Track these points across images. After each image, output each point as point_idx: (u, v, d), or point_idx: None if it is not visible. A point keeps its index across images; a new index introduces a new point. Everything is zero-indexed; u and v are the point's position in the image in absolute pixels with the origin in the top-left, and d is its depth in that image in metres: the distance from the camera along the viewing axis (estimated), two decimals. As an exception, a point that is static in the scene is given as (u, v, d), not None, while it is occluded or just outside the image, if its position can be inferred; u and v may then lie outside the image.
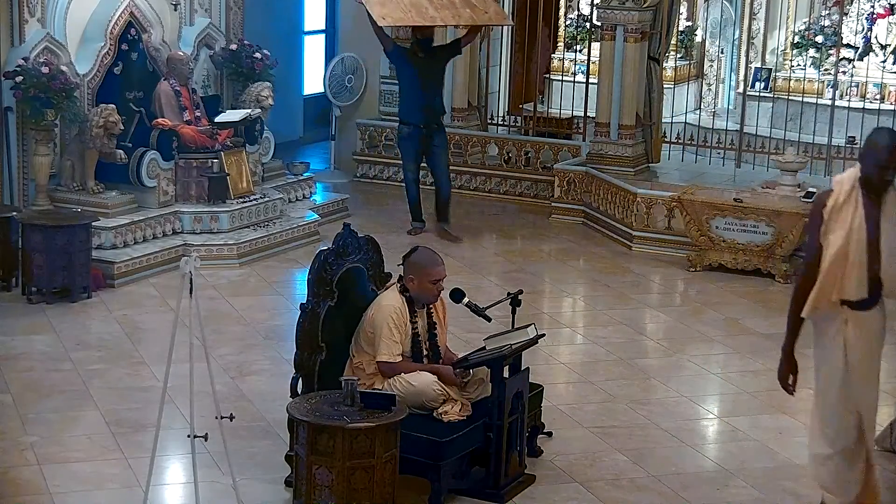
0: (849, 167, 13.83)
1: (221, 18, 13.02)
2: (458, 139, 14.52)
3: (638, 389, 8.88)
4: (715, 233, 11.79)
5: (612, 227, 12.87)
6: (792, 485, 7.43)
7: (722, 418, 8.54)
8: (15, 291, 10.30)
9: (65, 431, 7.74)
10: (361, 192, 14.29)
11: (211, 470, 7.04)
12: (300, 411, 6.45)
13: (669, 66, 15.69)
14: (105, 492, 7.00)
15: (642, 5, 13.22)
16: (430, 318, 7.13)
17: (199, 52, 12.68)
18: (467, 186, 14.49)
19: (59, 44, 11.20)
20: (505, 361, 6.94)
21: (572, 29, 16.62)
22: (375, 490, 6.35)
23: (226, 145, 11.86)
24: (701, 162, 14.24)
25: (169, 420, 7.00)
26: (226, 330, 9.70)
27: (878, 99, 15.22)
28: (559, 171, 13.74)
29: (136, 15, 11.87)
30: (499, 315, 7.83)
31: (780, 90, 15.52)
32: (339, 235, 7.18)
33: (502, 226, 13.46)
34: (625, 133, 13.54)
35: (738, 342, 9.93)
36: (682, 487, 7.31)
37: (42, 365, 8.85)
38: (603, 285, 11.40)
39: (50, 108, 10.86)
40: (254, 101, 12.55)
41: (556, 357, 9.44)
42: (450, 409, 6.88)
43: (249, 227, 11.74)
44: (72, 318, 9.80)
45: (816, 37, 16.08)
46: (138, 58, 11.95)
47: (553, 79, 16.66)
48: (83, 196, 11.12)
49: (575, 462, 7.58)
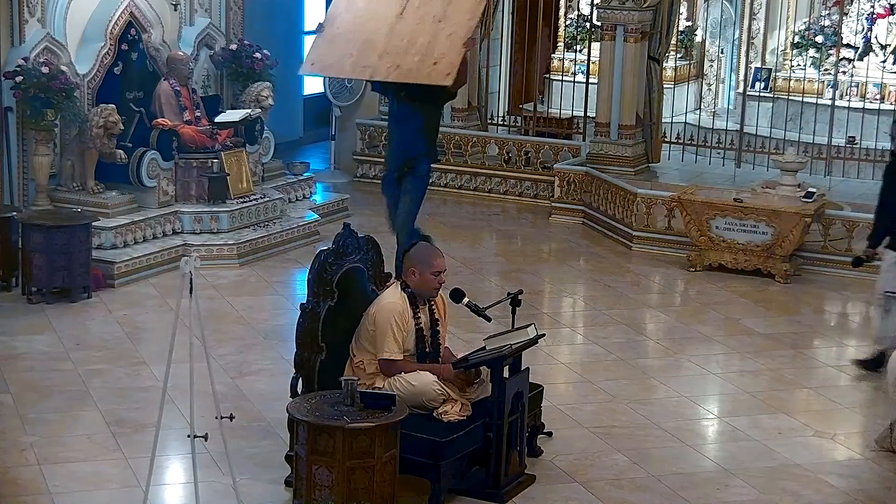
0: (849, 167, 13.95)
1: (221, 18, 13.02)
2: (458, 139, 14.53)
3: (638, 389, 8.88)
4: (715, 233, 11.79)
5: (612, 227, 12.87)
6: (792, 485, 7.43)
7: (722, 418, 8.53)
8: (15, 291, 10.30)
9: (65, 431, 7.74)
10: (361, 192, 14.28)
11: (211, 470, 7.05)
12: (300, 411, 6.45)
13: (669, 66, 15.69)
14: (105, 492, 6.99)
15: (642, 5, 13.23)
16: (432, 314, 7.14)
17: (199, 52, 12.68)
18: (467, 186, 14.49)
19: (59, 44, 11.20)
20: (505, 361, 6.94)
21: (572, 29, 16.62)
22: (375, 490, 6.35)
23: (226, 145, 11.86)
24: (701, 162, 14.24)
25: (169, 420, 6.99)
26: (226, 330, 9.70)
27: (878, 99, 15.22)
28: (559, 171, 13.74)
29: (136, 15, 11.86)
30: (499, 315, 7.83)
31: (780, 90, 15.52)
32: (339, 235, 7.17)
33: (502, 226, 13.46)
34: (625, 133, 13.55)
35: (738, 342, 9.93)
36: (682, 487, 7.31)
37: (42, 365, 8.85)
38: (603, 285, 11.40)
39: (50, 108, 10.86)
40: (254, 101, 12.55)
41: (556, 357, 9.44)
42: (450, 409, 6.88)
43: (249, 227, 11.74)
44: (72, 318, 9.80)
45: (816, 37, 16.08)
46: (138, 58, 11.95)
47: (553, 79, 16.66)
48: (83, 196, 11.12)
49: (575, 462, 7.58)
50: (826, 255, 11.88)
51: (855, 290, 11.47)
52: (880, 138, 14.20)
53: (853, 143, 14.44)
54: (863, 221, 11.91)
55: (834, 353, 10.02)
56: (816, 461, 7.78)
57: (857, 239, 11.86)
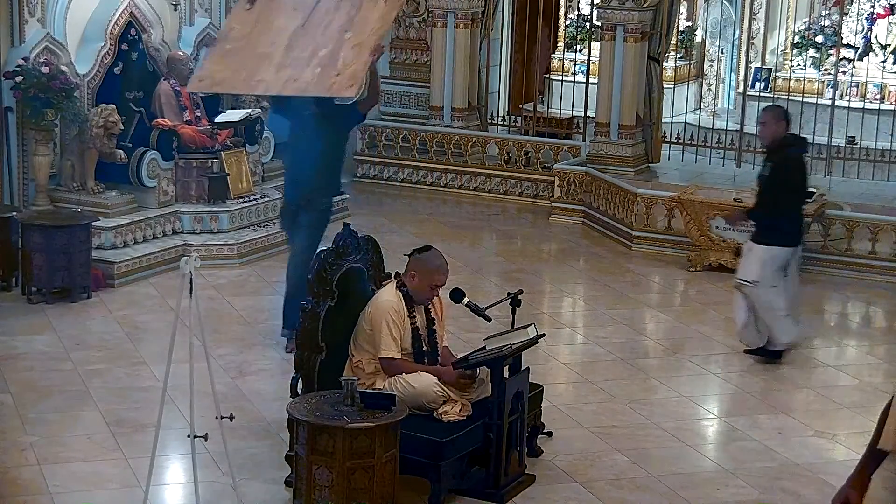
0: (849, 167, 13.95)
1: (221, 18, 13.00)
2: (457, 139, 14.53)
3: (638, 389, 8.88)
4: (715, 233, 11.79)
5: (612, 227, 12.87)
6: (792, 485, 7.43)
7: (722, 418, 8.53)
8: (15, 291, 10.30)
9: (65, 431, 7.74)
10: (361, 192, 14.28)
11: (211, 470, 7.05)
12: (300, 411, 6.45)
13: (669, 66, 15.69)
14: (105, 492, 6.99)
15: (642, 5, 13.22)
16: (427, 314, 7.14)
17: (199, 52, 12.67)
18: (467, 186, 14.49)
19: (59, 44, 11.19)
20: (505, 361, 6.94)
21: (572, 29, 16.62)
22: (375, 490, 6.35)
23: (226, 145, 11.87)
24: (701, 162, 14.24)
25: (169, 420, 7.00)
26: (226, 330, 9.70)
27: (878, 99, 15.21)
28: (559, 171, 13.74)
29: (136, 15, 11.87)
30: (499, 315, 7.83)
31: (780, 90, 15.51)
32: (339, 235, 7.18)
33: (502, 226, 13.46)
34: (625, 133, 13.55)
35: (738, 342, 9.92)
36: (682, 487, 7.31)
37: (42, 365, 8.85)
38: (603, 285, 11.40)
39: (50, 108, 10.86)
40: (254, 101, 12.55)
41: (556, 357, 9.44)
42: (450, 409, 6.88)
43: (249, 227, 11.74)
44: (72, 318, 9.80)
45: (816, 37, 16.07)
46: (138, 58, 11.95)
47: (553, 79, 16.66)
48: (83, 196, 11.11)
49: (575, 462, 7.58)
50: (826, 255, 11.88)
51: (855, 290, 11.48)
52: (880, 138, 14.21)
53: (853, 143, 14.43)
54: (863, 221, 11.93)
55: (834, 353, 10.02)
56: (816, 461, 7.78)
57: (857, 239, 11.88)
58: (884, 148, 14.09)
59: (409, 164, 14.69)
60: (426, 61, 15.09)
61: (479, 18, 14.75)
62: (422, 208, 13.90)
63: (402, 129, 14.83)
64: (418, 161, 14.65)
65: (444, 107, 14.70)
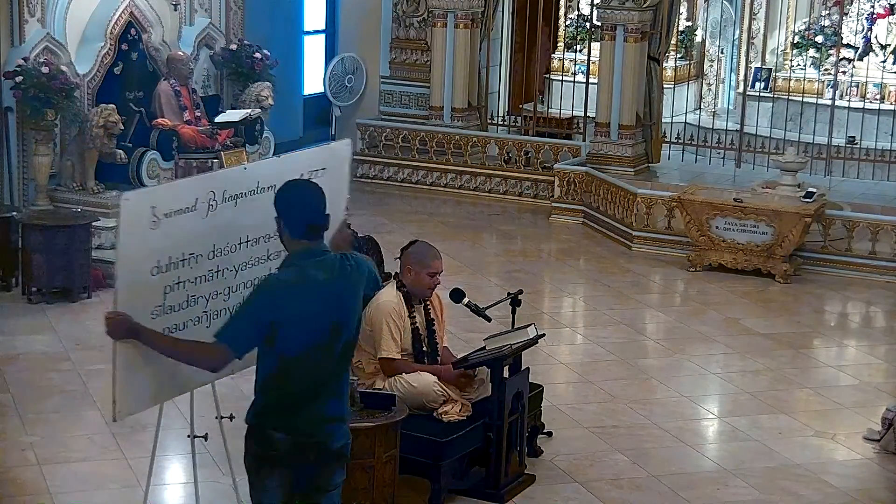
0: (849, 167, 13.94)
1: (221, 18, 13.02)
2: (457, 139, 14.53)
3: (638, 389, 8.88)
4: (715, 233, 11.79)
5: (612, 227, 12.87)
6: (792, 485, 7.43)
7: (722, 418, 8.53)
8: (15, 291, 10.29)
9: (65, 431, 7.74)
10: (361, 192, 14.28)
11: (211, 470, 7.04)
12: (300, 411, 6.44)
13: (669, 66, 15.69)
14: (105, 492, 7.00)
15: (642, 5, 13.23)
16: (427, 314, 7.13)
17: (199, 52, 12.68)
18: (467, 186, 14.49)
19: (59, 44, 11.19)
20: (505, 361, 6.94)
21: (572, 29, 16.61)
22: (375, 490, 6.35)
23: (226, 145, 11.86)
24: (701, 162, 14.24)
25: (169, 420, 6.98)
26: (226, 330, 9.67)
27: (878, 99, 15.20)
28: (559, 171, 13.74)
29: (136, 15, 11.86)
30: (499, 315, 7.83)
31: (780, 90, 15.51)
32: (340, 235, 7.16)
33: (502, 226, 13.46)
34: (625, 133, 13.55)
35: (738, 342, 9.93)
36: (682, 487, 7.31)
37: (42, 365, 8.85)
38: (603, 285, 11.40)
39: (50, 108, 10.86)
40: (254, 101, 12.55)
41: (556, 357, 9.43)
42: (450, 409, 6.88)
43: (249, 227, 11.71)
44: (72, 318, 9.80)
45: (816, 37, 16.07)
46: (138, 58, 11.95)
47: (553, 79, 16.65)
48: (83, 196, 11.11)
49: (575, 462, 7.58)
50: (826, 255, 11.88)
51: (855, 290, 11.48)
52: (880, 138, 14.21)
53: (853, 143, 14.43)
54: (863, 221, 11.93)
55: (834, 353, 10.02)
56: (816, 461, 7.78)
57: (857, 239, 11.88)
58: (884, 148, 14.09)
59: (409, 164, 14.69)
60: (426, 61, 15.09)
61: (479, 18, 14.76)
62: (422, 208, 13.90)
63: (402, 129, 14.83)
64: (418, 161, 14.65)
65: (444, 107, 14.70)
